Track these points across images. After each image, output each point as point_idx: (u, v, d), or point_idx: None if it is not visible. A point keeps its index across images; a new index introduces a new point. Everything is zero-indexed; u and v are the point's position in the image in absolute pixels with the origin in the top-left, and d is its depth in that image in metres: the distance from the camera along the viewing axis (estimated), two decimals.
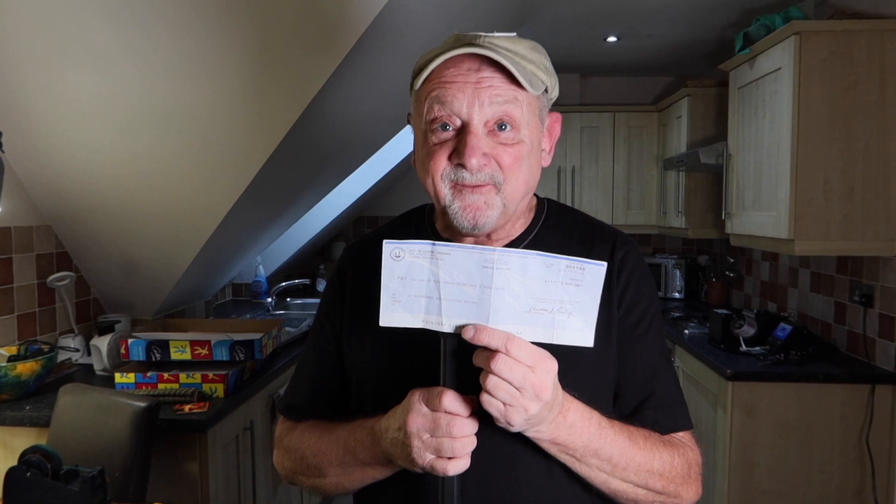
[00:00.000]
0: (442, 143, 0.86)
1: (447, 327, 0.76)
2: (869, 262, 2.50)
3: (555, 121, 0.96)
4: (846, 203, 2.33)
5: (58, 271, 2.38)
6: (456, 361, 0.78)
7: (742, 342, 2.67)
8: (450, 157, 0.86)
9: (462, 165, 0.84)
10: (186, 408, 1.90)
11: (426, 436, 0.77)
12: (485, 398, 0.74)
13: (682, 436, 0.95)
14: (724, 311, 2.85)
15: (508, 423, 0.76)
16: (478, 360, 0.75)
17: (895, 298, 2.36)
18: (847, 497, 2.39)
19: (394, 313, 0.77)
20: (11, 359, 2.02)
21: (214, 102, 1.93)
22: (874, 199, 2.32)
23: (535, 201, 1.00)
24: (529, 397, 0.74)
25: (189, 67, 1.84)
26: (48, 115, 1.97)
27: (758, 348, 2.65)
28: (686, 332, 3.14)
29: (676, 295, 4.21)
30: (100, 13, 1.70)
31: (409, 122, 0.95)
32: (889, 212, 2.32)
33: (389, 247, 0.76)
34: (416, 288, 0.76)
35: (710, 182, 3.55)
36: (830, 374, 2.40)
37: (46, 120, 1.99)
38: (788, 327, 2.61)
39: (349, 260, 1.03)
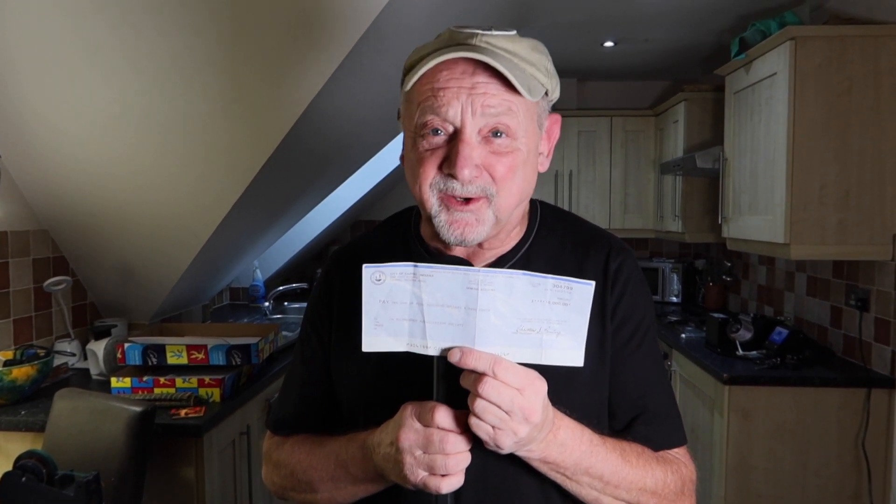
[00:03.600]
0: (433, 149, 0.81)
1: (433, 350, 0.74)
2: (864, 267, 2.51)
3: (554, 123, 0.91)
4: (842, 207, 2.34)
5: (54, 276, 2.37)
6: (448, 383, 0.75)
7: (739, 346, 2.67)
8: (440, 166, 0.81)
9: (452, 176, 0.79)
10: (182, 412, 1.90)
11: (418, 452, 0.74)
12: (473, 421, 0.71)
13: (677, 451, 0.93)
14: (721, 315, 2.86)
15: (498, 447, 0.73)
16: (465, 382, 0.73)
17: (890, 302, 2.36)
18: (843, 501, 2.40)
19: (377, 338, 0.74)
20: (7, 363, 2.01)
21: (211, 107, 1.93)
22: (869, 204, 2.33)
23: (528, 207, 0.95)
24: (518, 420, 0.71)
25: (186, 72, 1.84)
26: (45, 119, 1.97)
27: (754, 352, 2.65)
28: (683, 335, 3.14)
29: (673, 299, 4.22)
30: (96, 18, 1.70)
31: (399, 119, 0.90)
32: (884, 216, 2.33)
33: (369, 270, 0.73)
34: (398, 311, 0.73)
35: (707, 186, 3.56)
36: (826, 377, 2.41)
37: (43, 125, 1.99)
38: (785, 331, 2.61)
39: (336, 268, 0.98)
